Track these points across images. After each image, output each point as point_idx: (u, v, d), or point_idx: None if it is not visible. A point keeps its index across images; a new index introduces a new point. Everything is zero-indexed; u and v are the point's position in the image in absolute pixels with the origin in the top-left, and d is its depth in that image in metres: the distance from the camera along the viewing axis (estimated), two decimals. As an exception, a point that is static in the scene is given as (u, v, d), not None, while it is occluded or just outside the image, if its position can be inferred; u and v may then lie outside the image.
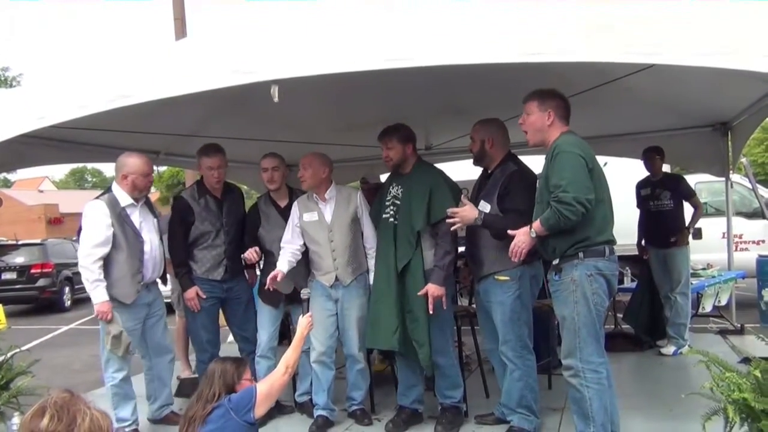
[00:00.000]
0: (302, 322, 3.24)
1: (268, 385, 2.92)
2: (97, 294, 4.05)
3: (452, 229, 3.88)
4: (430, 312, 3.88)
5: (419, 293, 3.92)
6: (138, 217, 4.27)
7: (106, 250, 4.09)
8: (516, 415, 3.98)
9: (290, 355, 3.04)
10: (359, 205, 4.43)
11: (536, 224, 3.35)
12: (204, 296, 4.57)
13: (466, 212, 3.78)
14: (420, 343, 3.98)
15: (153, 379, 4.51)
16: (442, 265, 3.96)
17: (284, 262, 4.30)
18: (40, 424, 1.52)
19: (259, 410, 2.81)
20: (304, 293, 3.60)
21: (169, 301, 5.38)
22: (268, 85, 3.13)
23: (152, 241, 4.32)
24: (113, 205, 4.16)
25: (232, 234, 4.63)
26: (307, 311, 3.38)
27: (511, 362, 3.93)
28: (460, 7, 3.23)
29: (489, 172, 4.05)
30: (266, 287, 4.28)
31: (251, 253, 4.41)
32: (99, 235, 4.07)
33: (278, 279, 4.21)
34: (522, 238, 3.44)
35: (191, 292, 4.54)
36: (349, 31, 3.26)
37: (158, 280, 4.52)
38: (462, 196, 3.94)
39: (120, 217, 4.15)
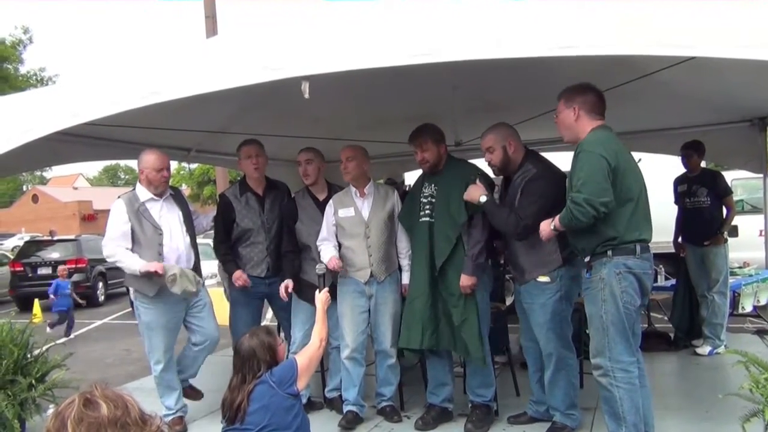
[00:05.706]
0: (321, 298, 3.31)
1: (307, 358, 2.97)
2: (135, 262, 4.17)
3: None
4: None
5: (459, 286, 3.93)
6: (159, 210, 4.35)
7: (123, 244, 4.22)
8: (558, 412, 3.96)
9: (320, 328, 3.12)
10: (396, 203, 4.43)
11: (556, 220, 3.38)
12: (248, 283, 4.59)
13: (471, 190, 3.90)
14: (471, 336, 3.94)
15: (188, 355, 4.55)
16: (472, 254, 3.96)
17: (332, 250, 4.30)
18: (101, 413, 1.40)
19: (302, 382, 2.86)
20: (319, 268, 3.60)
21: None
22: (297, 82, 3.13)
23: (173, 233, 4.37)
24: (131, 202, 4.30)
25: (273, 231, 4.67)
26: (324, 287, 3.43)
27: (554, 364, 3.91)
28: (490, 0, 3.18)
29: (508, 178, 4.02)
30: (331, 270, 4.14)
31: (336, 263, 4.20)
32: (115, 230, 4.24)
33: (339, 263, 4.19)
34: (543, 227, 3.50)
35: (238, 273, 4.60)
36: (378, 27, 3.24)
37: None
38: (476, 178, 3.98)
39: (138, 212, 4.27)
